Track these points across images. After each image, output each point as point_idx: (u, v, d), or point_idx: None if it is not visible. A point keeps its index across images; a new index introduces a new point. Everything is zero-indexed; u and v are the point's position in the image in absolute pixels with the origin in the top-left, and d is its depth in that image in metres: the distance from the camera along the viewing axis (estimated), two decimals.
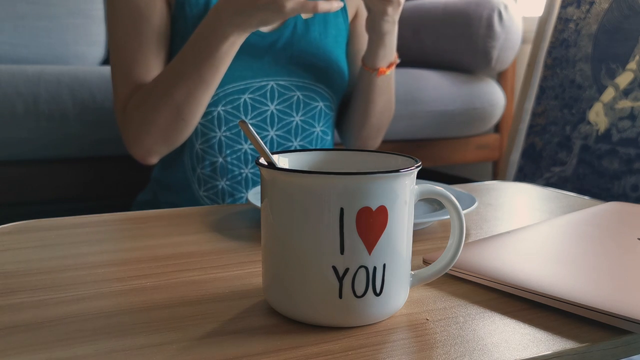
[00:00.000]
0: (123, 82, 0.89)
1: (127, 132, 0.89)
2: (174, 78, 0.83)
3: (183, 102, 0.83)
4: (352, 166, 0.48)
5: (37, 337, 0.40)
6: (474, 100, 1.61)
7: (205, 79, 0.82)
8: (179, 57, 0.84)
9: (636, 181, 1.25)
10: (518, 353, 0.38)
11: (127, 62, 0.88)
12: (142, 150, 0.89)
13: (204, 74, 0.82)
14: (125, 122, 0.89)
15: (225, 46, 0.80)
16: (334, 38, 0.98)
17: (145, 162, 0.91)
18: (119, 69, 0.89)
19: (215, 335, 0.40)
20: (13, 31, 1.47)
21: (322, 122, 0.98)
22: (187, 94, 0.83)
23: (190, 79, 0.82)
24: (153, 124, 0.86)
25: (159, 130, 0.86)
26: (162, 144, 0.88)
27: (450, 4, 1.67)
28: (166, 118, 0.85)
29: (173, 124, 0.85)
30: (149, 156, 0.90)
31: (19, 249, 0.58)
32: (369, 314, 0.41)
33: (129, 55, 0.88)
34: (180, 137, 0.88)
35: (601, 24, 1.39)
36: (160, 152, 0.90)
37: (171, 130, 0.86)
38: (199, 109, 0.85)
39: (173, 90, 0.83)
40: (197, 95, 0.84)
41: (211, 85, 0.84)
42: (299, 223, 0.40)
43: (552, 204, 0.80)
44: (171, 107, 0.84)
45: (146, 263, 0.54)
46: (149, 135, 0.87)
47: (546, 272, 0.49)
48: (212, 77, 0.83)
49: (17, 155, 1.18)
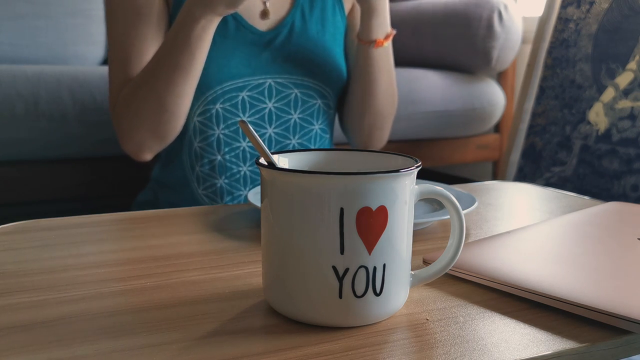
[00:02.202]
0: (117, 77, 0.89)
1: (119, 127, 0.89)
2: (154, 69, 0.84)
3: (164, 92, 0.83)
4: (352, 166, 0.48)
5: (37, 337, 0.40)
6: (474, 100, 1.61)
7: (182, 65, 0.82)
8: (159, 48, 0.84)
9: (636, 181, 1.25)
10: (518, 353, 0.38)
11: (123, 57, 0.88)
12: (134, 146, 0.89)
13: (180, 60, 0.82)
14: (116, 117, 0.89)
15: (196, 30, 0.80)
16: (331, 35, 0.98)
17: (139, 158, 0.91)
18: (114, 65, 0.90)
19: (215, 335, 0.40)
20: (13, 31, 1.47)
21: (321, 119, 0.98)
22: (167, 82, 0.83)
23: (169, 67, 0.82)
24: (140, 118, 0.85)
25: (146, 123, 0.86)
26: (151, 138, 0.87)
27: (450, 4, 1.67)
28: (150, 110, 0.85)
29: (158, 115, 0.85)
30: (142, 152, 0.90)
31: (19, 249, 0.58)
32: (369, 314, 0.41)
33: (125, 51, 0.88)
34: (168, 131, 0.87)
35: (601, 24, 1.39)
36: (152, 147, 0.89)
37: (157, 123, 0.86)
38: (181, 99, 0.85)
39: (154, 81, 0.83)
40: (177, 84, 0.83)
41: (189, 72, 0.83)
42: (299, 223, 0.40)
43: (552, 204, 0.80)
44: (153, 98, 0.84)
45: (146, 263, 0.54)
46: (138, 129, 0.86)
47: (546, 272, 0.49)
48: (189, 64, 0.82)
49: (17, 155, 1.18)
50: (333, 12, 0.98)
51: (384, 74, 0.98)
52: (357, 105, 1.00)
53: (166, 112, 0.85)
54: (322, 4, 0.97)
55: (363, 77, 0.97)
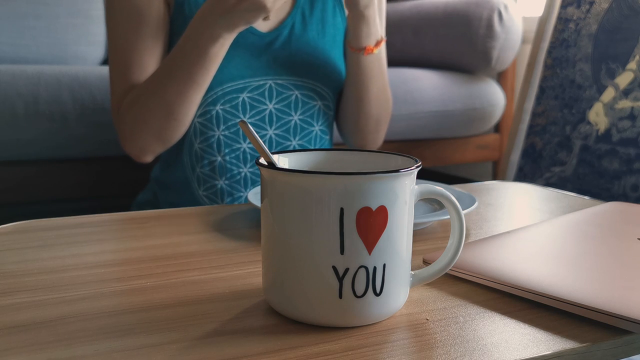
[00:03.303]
0: (119, 81, 0.89)
1: (122, 130, 0.89)
2: (164, 79, 0.84)
3: (174, 102, 0.84)
4: (352, 166, 0.48)
5: (37, 337, 0.40)
6: (474, 100, 1.61)
7: (196, 80, 0.83)
8: (168, 60, 0.84)
9: (636, 181, 1.25)
10: (518, 353, 0.38)
11: (124, 61, 0.88)
12: (137, 149, 0.89)
13: (194, 74, 0.82)
14: (120, 121, 0.89)
15: (215, 48, 0.81)
16: (331, 37, 0.98)
17: (140, 160, 0.92)
18: (115, 68, 0.90)
19: (215, 335, 0.40)
20: (13, 31, 1.47)
21: (321, 121, 0.98)
22: (178, 94, 0.83)
23: (181, 80, 0.83)
24: (146, 124, 0.86)
25: (152, 129, 0.86)
26: (155, 142, 0.88)
27: (450, 4, 1.67)
28: (158, 118, 0.85)
29: (165, 123, 0.86)
30: (144, 155, 0.90)
31: (19, 249, 0.58)
32: (369, 314, 0.41)
33: (126, 54, 0.88)
34: (173, 136, 0.88)
35: (601, 24, 1.39)
36: (154, 150, 0.90)
37: (164, 129, 0.86)
38: (191, 107, 0.86)
39: (164, 92, 0.84)
40: (189, 95, 0.84)
41: (202, 85, 0.84)
42: (299, 223, 0.40)
43: (552, 204, 0.80)
44: (163, 107, 0.84)
45: (146, 263, 0.54)
46: (143, 134, 0.87)
47: (546, 272, 0.49)
48: (202, 78, 0.83)
49: (17, 156, 1.18)
50: (333, 13, 0.98)
51: (374, 80, 0.97)
52: (350, 110, 1.01)
53: (174, 120, 0.86)
54: (322, 5, 0.97)
55: (354, 83, 0.97)
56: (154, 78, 0.85)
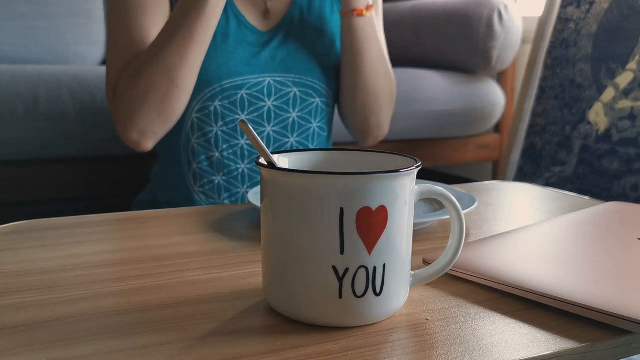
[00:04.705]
0: (116, 68, 0.87)
1: (119, 113, 0.86)
2: (164, 42, 0.82)
3: (176, 65, 0.82)
4: (352, 166, 0.48)
5: (37, 337, 0.40)
6: (474, 100, 1.61)
7: (197, 38, 0.82)
8: (168, 23, 0.83)
9: (636, 181, 1.25)
10: (518, 353, 0.38)
11: (123, 49, 0.87)
12: (136, 132, 0.85)
13: (194, 32, 0.82)
14: (117, 104, 0.86)
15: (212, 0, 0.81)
16: (330, 34, 0.98)
17: (140, 148, 0.87)
18: (113, 56, 0.88)
19: (215, 335, 0.40)
20: (13, 31, 1.47)
21: (319, 118, 0.98)
22: (180, 55, 0.82)
23: (182, 40, 0.82)
24: (147, 96, 0.83)
25: (153, 102, 0.83)
26: (157, 119, 0.85)
27: (450, 4, 1.67)
28: (159, 86, 0.83)
29: (167, 91, 0.83)
30: (144, 139, 0.86)
31: (19, 249, 0.58)
32: (369, 314, 0.41)
33: (125, 43, 0.87)
34: (175, 108, 0.85)
35: (601, 24, 1.39)
36: (155, 131, 0.86)
37: (165, 100, 0.84)
38: (192, 73, 0.84)
39: (165, 54, 0.82)
40: (190, 56, 0.83)
41: (202, 45, 0.83)
42: (299, 223, 0.40)
43: (552, 204, 0.80)
44: (164, 72, 0.82)
45: (146, 263, 0.54)
46: (142, 110, 0.84)
47: (546, 272, 0.49)
48: (202, 36, 0.82)
49: (17, 155, 1.18)
50: (331, 10, 0.98)
51: (368, 47, 0.95)
52: (348, 85, 0.98)
53: (177, 87, 0.83)
54: (320, 2, 0.97)
55: (348, 50, 0.95)
56: (153, 44, 0.84)
